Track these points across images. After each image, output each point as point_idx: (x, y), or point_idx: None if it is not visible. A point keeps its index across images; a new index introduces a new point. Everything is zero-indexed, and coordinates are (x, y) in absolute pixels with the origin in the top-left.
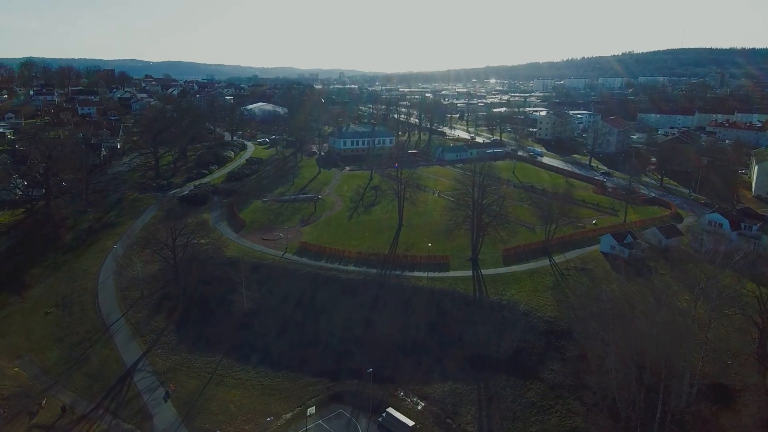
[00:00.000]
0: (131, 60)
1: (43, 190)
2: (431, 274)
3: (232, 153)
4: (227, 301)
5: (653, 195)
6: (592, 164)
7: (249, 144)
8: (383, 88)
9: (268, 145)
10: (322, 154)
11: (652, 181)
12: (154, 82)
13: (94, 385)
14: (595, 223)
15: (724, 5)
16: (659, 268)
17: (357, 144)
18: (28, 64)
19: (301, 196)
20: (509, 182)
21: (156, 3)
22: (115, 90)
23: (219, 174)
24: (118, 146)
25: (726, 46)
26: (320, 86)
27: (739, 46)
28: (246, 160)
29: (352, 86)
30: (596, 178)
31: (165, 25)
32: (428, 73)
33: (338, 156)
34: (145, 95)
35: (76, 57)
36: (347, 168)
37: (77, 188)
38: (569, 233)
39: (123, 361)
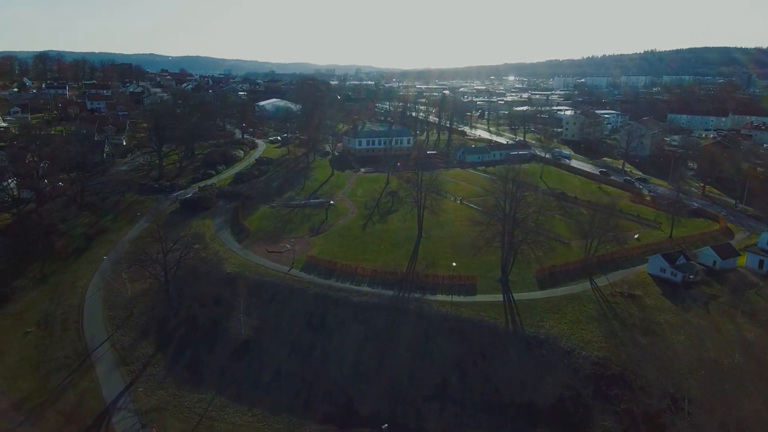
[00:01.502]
0: (150, 54)
1: (33, 193)
2: (456, 298)
3: (242, 152)
4: (223, 326)
5: (696, 205)
6: (625, 169)
7: (260, 142)
8: (400, 84)
9: (279, 144)
10: (336, 154)
11: (693, 189)
12: (168, 77)
13: (67, 426)
14: (637, 239)
15: (739, 4)
16: (717, 296)
17: (373, 144)
18: (42, 57)
19: (311, 201)
20: (537, 188)
21: None
22: (127, 84)
23: (226, 174)
24: (124, 143)
25: (741, 45)
26: (336, 82)
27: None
28: (256, 159)
29: (369, 83)
30: (632, 184)
31: (184, 20)
32: (445, 69)
33: (353, 156)
34: (158, 90)
35: (96, 51)
36: (362, 170)
37: (72, 190)
38: (611, 251)
39: (103, 396)
